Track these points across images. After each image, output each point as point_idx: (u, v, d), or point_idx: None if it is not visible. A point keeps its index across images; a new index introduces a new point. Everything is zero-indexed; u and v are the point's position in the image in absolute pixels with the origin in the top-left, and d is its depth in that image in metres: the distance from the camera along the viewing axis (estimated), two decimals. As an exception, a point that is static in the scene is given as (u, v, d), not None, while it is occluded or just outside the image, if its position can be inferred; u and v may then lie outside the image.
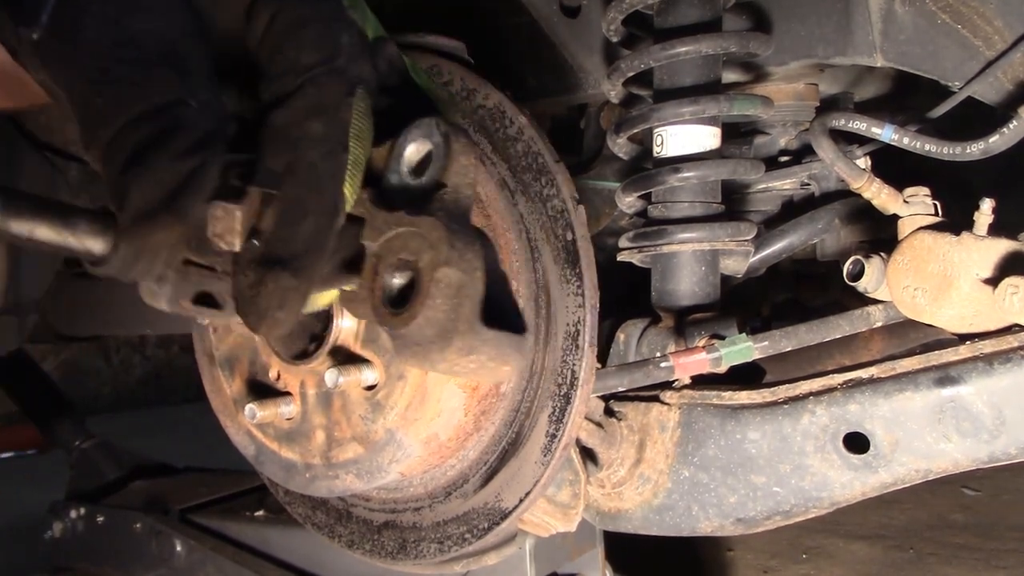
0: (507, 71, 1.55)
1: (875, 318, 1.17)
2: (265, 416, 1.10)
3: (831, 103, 1.63)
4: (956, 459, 1.02)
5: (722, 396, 1.14)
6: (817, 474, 1.08)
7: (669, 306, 1.27)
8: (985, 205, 1.04)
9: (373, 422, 1.07)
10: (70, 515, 2.02)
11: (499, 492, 1.13)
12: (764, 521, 1.12)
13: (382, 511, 1.24)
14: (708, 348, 1.13)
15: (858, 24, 1.25)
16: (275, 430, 1.16)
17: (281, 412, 1.12)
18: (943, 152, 1.18)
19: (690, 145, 1.25)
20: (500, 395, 1.12)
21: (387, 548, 1.23)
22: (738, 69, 1.40)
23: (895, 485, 1.06)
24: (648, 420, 1.18)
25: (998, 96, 1.20)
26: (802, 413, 1.08)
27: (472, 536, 1.15)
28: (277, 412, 1.12)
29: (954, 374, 1.01)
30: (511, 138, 1.12)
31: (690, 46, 1.21)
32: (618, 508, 1.20)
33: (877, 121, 1.22)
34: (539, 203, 1.11)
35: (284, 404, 1.12)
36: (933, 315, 1.07)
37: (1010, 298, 0.98)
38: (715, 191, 1.29)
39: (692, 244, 1.25)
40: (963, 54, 1.19)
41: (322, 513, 1.31)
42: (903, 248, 1.11)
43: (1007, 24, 1.15)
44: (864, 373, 1.07)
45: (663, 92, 1.27)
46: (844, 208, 1.52)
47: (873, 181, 1.18)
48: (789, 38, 1.31)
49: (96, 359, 6.07)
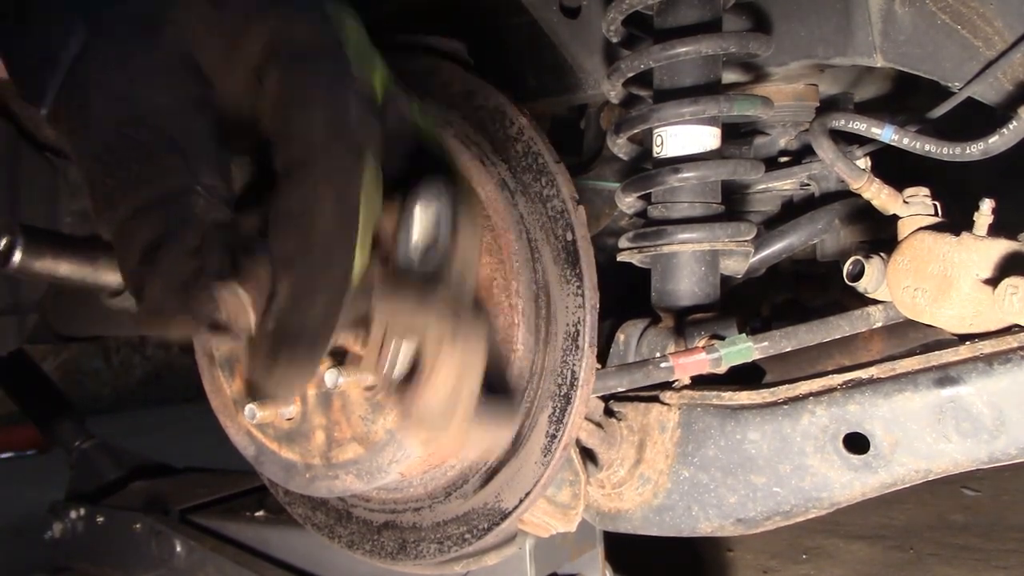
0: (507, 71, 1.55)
1: (875, 318, 1.17)
2: (265, 416, 1.10)
3: (831, 103, 1.63)
4: (956, 459, 1.02)
5: (722, 396, 1.14)
6: (817, 474, 1.08)
7: (669, 306, 1.27)
8: (985, 205, 1.04)
9: (373, 422, 1.07)
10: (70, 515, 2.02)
11: (499, 492, 1.13)
12: (764, 521, 1.12)
13: (382, 511, 1.24)
14: (708, 348, 1.13)
15: (858, 24, 1.25)
16: (275, 430, 1.16)
17: (281, 412, 1.12)
18: (943, 152, 1.18)
19: (690, 145, 1.25)
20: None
21: (387, 548, 1.23)
22: (738, 69, 1.40)
23: (895, 485, 1.06)
24: (648, 420, 1.18)
25: (998, 96, 1.20)
26: (802, 413, 1.08)
27: (472, 536, 1.15)
28: (277, 412, 1.12)
29: (954, 374, 1.01)
30: (511, 138, 1.12)
31: (690, 46, 1.21)
32: (618, 508, 1.21)
33: (877, 121, 1.22)
34: (539, 203, 1.11)
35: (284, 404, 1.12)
36: (933, 315, 1.07)
37: (1010, 298, 0.98)
38: (715, 191, 1.29)
39: (692, 244, 1.25)
40: (963, 55, 1.19)
41: (322, 513, 1.31)
42: (903, 248, 1.11)
43: (1007, 24, 1.15)
44: (864, 373, 1.07)
45: (663, 92, 1.27)
46: (844, 208, 1.53)
47: (873, 181, 1.18)
48: (789, 38, 1.31)
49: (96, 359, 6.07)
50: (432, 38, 1.18)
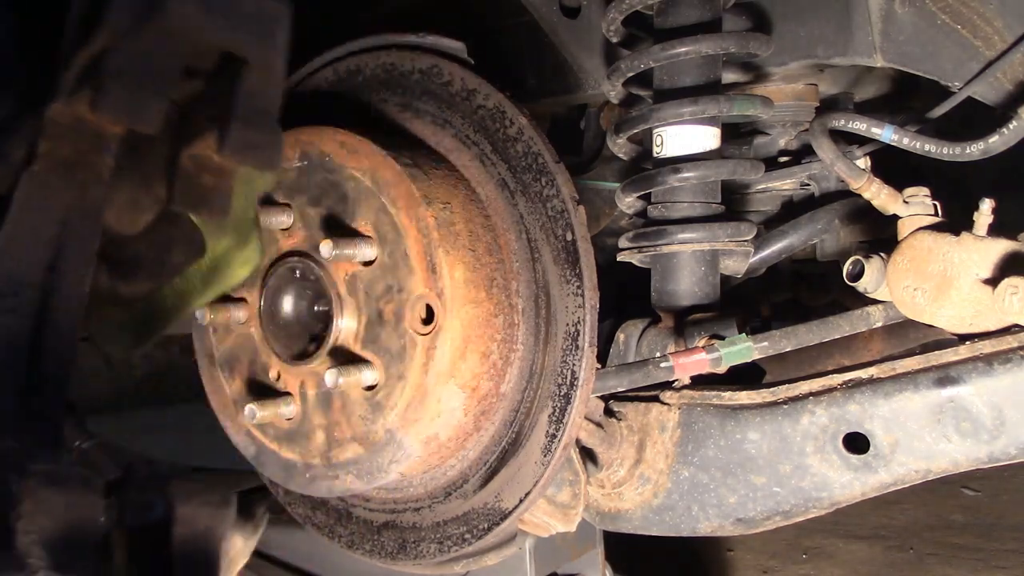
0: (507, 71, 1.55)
1: (875, 318, 1.17)
2: (265, 416, 1.10)
3: (831, 103, 1.63)
4: (956, 459, 1.02)
5: (722, 396, 1.14)
6: (817, 474, 1.08)
7: (669, 306, 1.27)
8: (985, 205, 1.04)
9: (373, 422, 1.07)
10: (70, 515, 2.01)
11: (499, 492, 1.13)
12: (764, 521, 1.12)
13: (382, 511, 1.24)
14: (708, 348, 1.13)
15: (858, 24, 1.25)
16: (275, 430, 1.16)
17: (281, 412, 1.12)
18: (943, 152, 1.18)
19: (690, 145, 1.25)
20: (500, 395, 1.12)
21: (387, 548, 1.23)
22: (738, 69, 1.40)
23: (895, 485, 1.06)
24: (648, 420, 1.18)
25: (998, 96, 1.20)
26: (802, 413, 1.08)
27: (472, 536, 1.15)
28: (277, 412, 1.12)
29: (954, 374, 1.01)
30: (511, 138, 1.12)
31: (690, 46, 1.21)
32: (618, 508, 1.20)
33: (877, 121, 1.22)
34: (539, 203, 1.11)
35: (284, 404, 1.12)
36: (933, 315, 1.07)
37: (1010, 298, 0.98)
38: (715, 191, 1.29)
39: (692, 244, 1.25)
40: (963, 54, 1.19)
41: (322, 513, 1.31)
42: (903, 248, 1.11)
43: (1007, 24, 1.15)
44: (864, 373, 1.07)
45: (663, 92, 1.27)
46: (844, 208, 1.53)
47: (873, 181, 1.18)
48: (789, 38, 1.31)
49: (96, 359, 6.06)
50: (432, 38, 1.18)
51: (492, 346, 1.09)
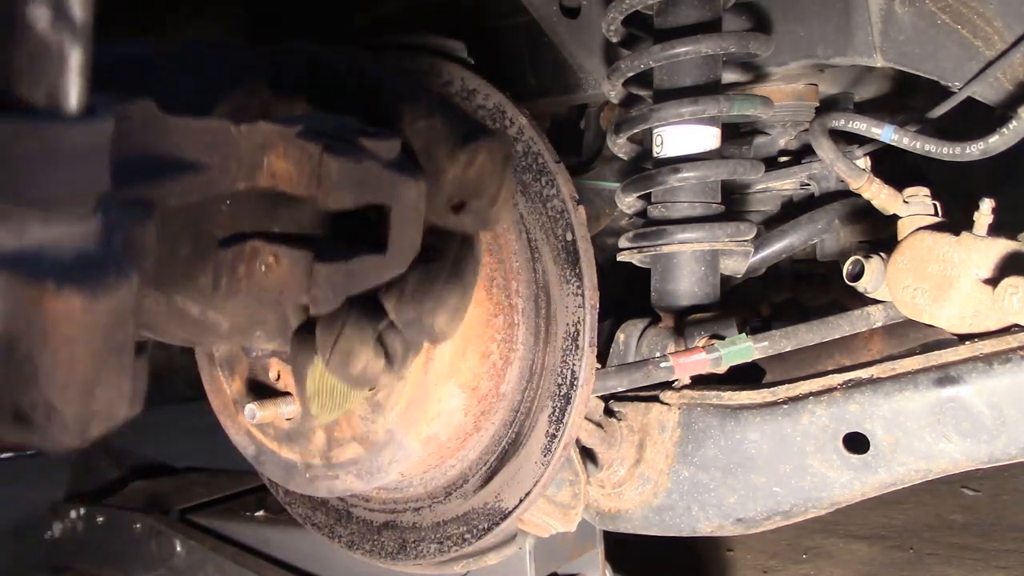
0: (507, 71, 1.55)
1: (875, 318, 1.17)
2: (265, 416, 1.10)
3: (831, 103, 1.63)
4: (956, 459, 1.02)
5: (722, 396, 1.14)
6: (817, 474, 1.08)
7: (669, 306, 1.27)
8: (985, 205, 1.04)
9: (373, 422, 1.07)
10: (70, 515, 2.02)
11: (499, 492, 1.13)
12: (764, 521, 1.12)
13: (382, 511, 1.24)
14: (708, 348, 1.13)
15: (858, 24, 1.25)
16: (275, 430, 1.16)
17: (281, 412, 1.12)
18: (943, 152, 1.18)
19: (690, 145, 1.25)
20: (500, 395, 1.12)
21: (387, 548, 1.23)
22: (738, 69, 1.40)
23: (895, 485, 1.06)
24: (648, 420, 1.18)
25: (998, 96, 1.20)
26: (802, 413, 1.08)
27: (472, 536, 1.15)
28: (277, 412, 1.12)
29: (954, 374, 1.01)
30: (511, 138, 1.12)
31: (690, 46, 1.21)
32: (618, 508, 1.20)
33: (877, 121, 1.22)
34: (539, 203, 1.11)
35: (284, 404, 1.12)
36: (933, 315, 1.07)
37: (1010, 298, 0.98)
38: (715, 191, 1.29)
39: (692, 244, 1.25)
40: (963, 54, 1.19)
41: (322, 513, 1.31)
42: (903, 248, 1.11)
43: (1007, 24, 1.15)
44: (864, 373, 1.07)
45: (663, 92, 1.27)
46: (844, 208, 1.53)
47: (873, 181, 1.18)
48: (789, 38, 1.31)
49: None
50: (432, 38, 1.19)
51: (492, 346, 1.09)
